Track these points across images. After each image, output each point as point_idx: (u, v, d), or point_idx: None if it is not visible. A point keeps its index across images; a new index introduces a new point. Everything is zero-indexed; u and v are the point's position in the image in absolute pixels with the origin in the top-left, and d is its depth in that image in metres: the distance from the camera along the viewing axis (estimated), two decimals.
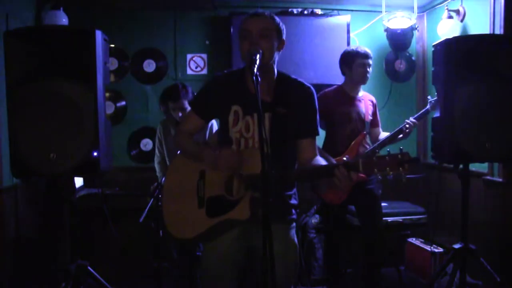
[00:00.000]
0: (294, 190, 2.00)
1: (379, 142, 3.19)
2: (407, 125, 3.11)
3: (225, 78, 1.96)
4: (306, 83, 1.95)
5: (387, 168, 1.59)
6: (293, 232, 1.97)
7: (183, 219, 1.91)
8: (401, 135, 3.13)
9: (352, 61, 3.11)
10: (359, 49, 3.14)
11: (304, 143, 1.93)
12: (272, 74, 1.90)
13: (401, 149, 1.62)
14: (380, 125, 3.37)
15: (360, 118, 3.17)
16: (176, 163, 2.03)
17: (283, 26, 1.86)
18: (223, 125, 1.94)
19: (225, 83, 1.94)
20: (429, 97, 3.29)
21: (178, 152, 2.05)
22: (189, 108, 2.12)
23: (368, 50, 3.16)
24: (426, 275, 3.61)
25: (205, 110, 1.98)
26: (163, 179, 3.24)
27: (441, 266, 2.88)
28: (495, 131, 2.52)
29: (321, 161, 1.89)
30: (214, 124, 3.24)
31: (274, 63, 1.89)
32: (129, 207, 3.39)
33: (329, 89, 3.28)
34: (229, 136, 1.90)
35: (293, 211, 1.98)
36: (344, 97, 3.18)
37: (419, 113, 3.23)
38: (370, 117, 3.25)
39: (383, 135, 3.30)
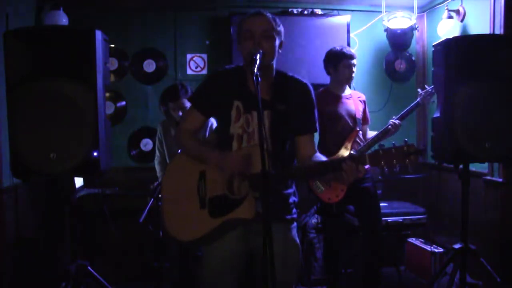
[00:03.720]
0: (294, 188, 1.99)
1: (367, 142, 3.19)
2: (390, 126, 3.16)
3: (226, 73, 1.94)
4: (303, 80, 1.96)
5: (394, 161, 1.60)
6: (294, 232, 1.95)
7: (185, 221, 1.88)
8: (387, 135, 3.16)
9: (338, 62, 3.13)
10: (344, 50, 3.15)
11: (303, 139, 1.93)
12: (271, 73, 1.90)
13: (405, 141, 1.64)
14: (368, 122, 3.37)
15: (351, 116, 3.18)
16: (174, 165, 1.99)
17: (282, 27, 1.87)
18: (223, 121, 1.90)
19: (226, 78, 1.92)
20: (419, 89, 3.30)
21: (179, 152, 2.01)
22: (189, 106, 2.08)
23: (353, 51, 3.19)
24: (426, 275, 3.61)
25: (206, 106, 1.92)
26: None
27: (441, 266, 2.88)
28: (495, 131, 2.52)
29: (321, 157, 1.89)
30: (214, 123, 3.24)
31: (274, 63, 1.89)
32: (129, 207, 3.39)
33: (315, 91, 3.27)
34: (229, 133, 1.87)
35: (294, 210, 1.96)
36: (331, 96, 3.19)
37: (408, 107, 3.25)
38: (361, 114, 3.25)
39: (370, 134, 3.32)
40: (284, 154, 1.89)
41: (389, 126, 3.16)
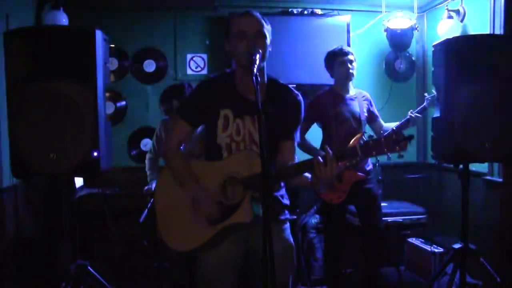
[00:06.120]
0: (284, 190, 1.99)
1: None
2: (410, 117, 3.16)
3: (212, 83, 1.93)
4: (295, 90, 1.96)
5: (385, 149, 1.64)
6: (287, 232, 1.96)
7: (183, 232, 1.87)
8: (409, 125, 3.17)
9: (333, 61, 3.17)
10: (337, 49, 3.19)
11: (286, 145, 1.93)
12: (263, 75, 1.88)
13: (393, 129, 1.68)
14: (379, 117, 3.36)
15: (355, 117, 3.17)
16: (164, 176, 1.97)
17: (269, 25, 1.86)
18: (210, 132, 1.90)
19: (213, 87, 1.91)
20: (425, 94, 3.30)
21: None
22: None
23: (348, 48, 3.21)
24: (426, 275, 3.61)
25: (193, 116, 1.92)
26: (153, 183, 3.24)
27: (441, 266, 2.88)
28: (495, 131, 2.52)
29: None
30: None
31: (265, 65, 1.87)
32: (129, 207, 3.39)
33: (320, 92, 3.30)
34: (216, 143, 1.87)
35: (286, 211, 1.97)
36: (335, 97, 3.19)
37: (418, 108, 3.25)
38: (366, 115, 3.24)
39: (389, 125, 3.29)
40: (274, 156, 1.89)
41: (410, 117, 3.16)
